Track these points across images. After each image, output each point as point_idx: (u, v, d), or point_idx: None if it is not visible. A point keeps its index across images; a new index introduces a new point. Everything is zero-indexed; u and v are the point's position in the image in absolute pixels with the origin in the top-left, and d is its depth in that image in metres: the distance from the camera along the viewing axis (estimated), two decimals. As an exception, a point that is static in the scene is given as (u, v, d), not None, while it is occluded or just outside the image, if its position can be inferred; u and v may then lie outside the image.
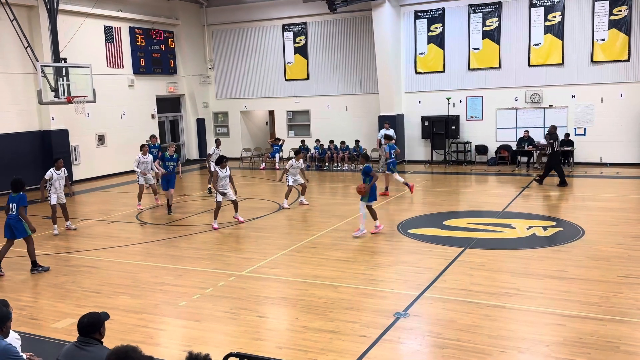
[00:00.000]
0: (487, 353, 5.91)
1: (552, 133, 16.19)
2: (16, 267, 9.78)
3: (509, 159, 20.27)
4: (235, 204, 12.52)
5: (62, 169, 12.21)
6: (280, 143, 22.67)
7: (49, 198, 12.08)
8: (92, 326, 4.36)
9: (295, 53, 23.59)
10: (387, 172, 15.64)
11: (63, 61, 17.44)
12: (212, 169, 16.75)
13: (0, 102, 17.30)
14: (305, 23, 23.24)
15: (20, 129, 17.97)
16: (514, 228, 11.27)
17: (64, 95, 16.87)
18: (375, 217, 11.15)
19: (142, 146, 14.55)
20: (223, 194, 12.21)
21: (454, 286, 7.97)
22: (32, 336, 6.61)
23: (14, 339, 4.69)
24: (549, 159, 16.30)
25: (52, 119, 18.56)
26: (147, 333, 6.83)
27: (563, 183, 15.81)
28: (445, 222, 11.97)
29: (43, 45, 17.88)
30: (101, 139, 20.48)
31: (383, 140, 16.82)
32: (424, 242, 10.42)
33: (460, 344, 6.11)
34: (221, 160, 12.31)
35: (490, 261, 9.18)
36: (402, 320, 6.82)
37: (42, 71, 16.57)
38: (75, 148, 19.51)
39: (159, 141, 16.13)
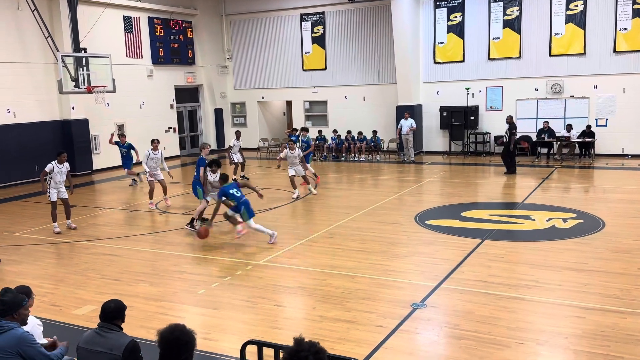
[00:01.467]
0: (505, 345, 5.88)
1: (510, 123, 16.75)
2: (38, 256, 9.95)
3: (529, 150, 20.04)
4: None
5: (65, 163, 11.46)
6: (297, 134, 22.63)
7: (48, 192, 11.33)
8: (117, 312, 4.41)
9: (313, 43, 23.51)
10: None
11: (83, 51, 17.60)
12: (235, 161, 16.83)
13: (22, 91, 17.53)
14: (323, 13, 23.13)
15: (41, 119, 18.21)
16: (533, 220, 11.17)
17: (84, 85, 17.05)
18: (235, 223, 10.41)
19: (153, 141, 13.98)
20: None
21: (472, 278, 7.93)
22: (54, 322, 6.72)
23: (35, 325, 4.76)
24: (504, 148, 16.88)
25: (73, 108, 18.76)
26: (166, 320, 6.89)
27: (512, 172, 16.55)
28: (463, 214, 11.89)
29: (63, 35, 18.06)
30: (120, 128, 20.65)
31: (302, 133, 17.28)
32: (441, 234, 10.37)
33: (478, 336, 6.09)
34: (211, 165, 11.18)
35: (508, 253, 9.12)
36: (419, 311, 6.81)
37: (63, 61, 16.73)
38: (95, 137, 19.73)
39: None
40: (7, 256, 9.90)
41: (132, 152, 16.39)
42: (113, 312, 4.43)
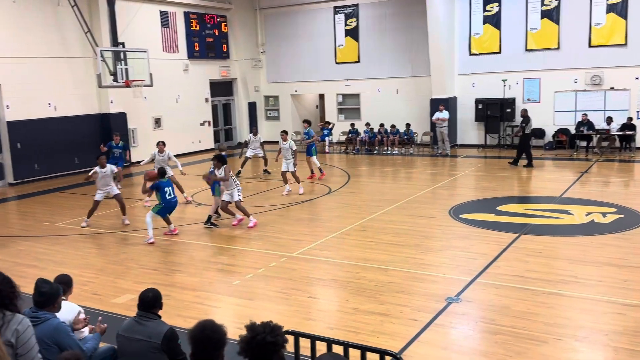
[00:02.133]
0: (542, 340, 5.79)
1: (524, 116, 16.71)
2: (79, 246, 10.23)
3: (567, 143, 19.60)
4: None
5: (108, 166, 11.66)
6: (330, 127, 22.66)
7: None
8: (155, 301, 4.52)
9: (346, 36, 23.42)
10: (307, 156, 15.90)
11: (121, 46, 17.94)
12: (247, 155, 16.73)
13: (62, 86, 17.98)
14: (356, 5, 23.00)
15: (81, 112, 18.65)
16: (572, 214, 10.93)
17: (123, 79, 17.37)
18: (169, 222, 10.49)
19: (158, 143, 13.71)
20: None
21: (508, 272, 7.82)
22: (94, 310, 6.90)
23: (67, 311, 4.82)
24: (520, 141, 16.93)
25: (111, 102, 19.17)
26: (202, 310, 7.03)
27: (530, 164, 16.55)
28: (499, 208, 11.71)
29: (102, 31, 18.43)
30: (157, 122, 21.02)
31: (303, 125, 17.03)
32: (476, 227, 10.24)
33: (515, 331, 6.01)
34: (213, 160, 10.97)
35: (546, 248, 8.95)
36: (454, 306, 6.75)
37: (102, 56, 17.10)
38: (133, 131, 20.11)
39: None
40: (49, 245, 10.22)
41: (125, 152, 15.71)
42: (151, 301, 4.54)
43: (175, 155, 14.32)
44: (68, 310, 4.76)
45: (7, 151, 16.72)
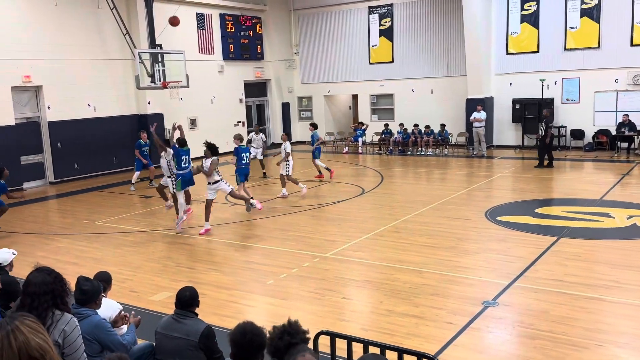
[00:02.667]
0: (583, 346, 5.64)
1: (547, 116, 16.61)
2: (117, 243, 10.44)
3: (608, 144, 19.08)
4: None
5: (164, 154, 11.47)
6: (363, 127, 22.60)
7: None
8: (192, 299, 4.58)
9: (380, 36, 23.32)
10: (312, 158, 15.98)
11: (159, 48, 18.26)
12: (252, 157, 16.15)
13: (102, 87, 18.41)
14: (391, 5, 22.89)
15: (119, 113, 19.06)
16: (613, 217, 10.63)
17: (160, 80, 17.68)
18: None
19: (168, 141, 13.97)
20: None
21: (547, 276, 7.65)
22: (132, 307, 7.03)
23: (106, 308, 4.92)
24: (540, 141, 16.85)
25: (149, 103, 19.52)
26: (237, 309, 7.10)
27: (549, 165, 16.49)
28: (537, 210, 11.48)
29: (140, 33, 18.80)
30: (193, 122, 21.31)
31: (309, 128, 16.67)
32: (514, 230, 10.05)
33: (554, 336, 5.87)
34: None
35: (586, 251, 8.73)
36: (490, 309, 6.64)
37: (140, 57, 17.43)
38: (169, 131, 20.41)
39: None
40: (88, 243, 10.47)
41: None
42: (189, 300, 4.61)
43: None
44: (107, 307, 4.85)
45: (48, 151, 17.20)
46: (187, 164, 11.15)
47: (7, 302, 5.27)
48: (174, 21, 15.13)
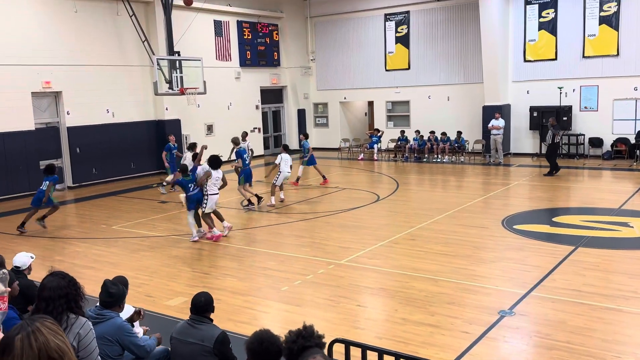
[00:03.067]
0: (600, 357, 5.56)
1: (553, 125, 16.58)
2: (134, 248, 10.53)
3: (627, 153, 18.83)
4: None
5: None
6: (378, 134, 22.57)
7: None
8: (207, 305, 4.60)
9: (396, 43, 23.32)
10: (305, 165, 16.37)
11: (177, 54, 18.44)
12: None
13: (120, 93, 18.62)
14: (407, 12, 22.89)
15: (138, 118, 19.25)
16: (632, 227, 10.48)
17: (178, 87, 17.84)
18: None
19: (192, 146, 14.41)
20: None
21: (564, 286, 7.56)
22: (148, 312, 7.07)
23: (132, 312, 5.00)
24: (548, 149, 16.77)
25: (166, 109, 19.71)
26: (252, 315, 7.11)
27: (551, 174, 16.41)
28: (554, 219, 11.36)
29: (159, 39, 19.00)
30: (210, 128, 21.46)
31: (301, 137, 16.98)
32: (531, 239, 9.96)
33: (571, 347, 5.80)
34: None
35: (604, 261, 8.61)
36: (507, 319, 6.58)
37: (158, 64, 17.62)
38: (186, 137, 20.59)
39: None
40: (105, 247, 10.57)
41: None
42: (204, 306, 4.63)
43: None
44: (124, 311, 4.91)
45: (67, 156, 17.43)
46: (195, 189, 10.75)
47: (26, 305, 5.35)
48: (187, 1, 16.40)
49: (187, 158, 11.30)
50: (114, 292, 4.47)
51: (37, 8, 16.39)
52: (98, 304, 4.53)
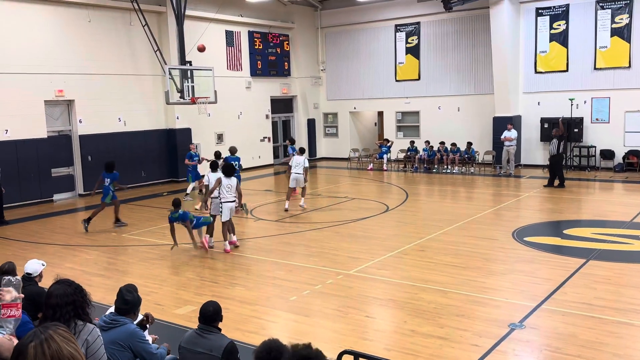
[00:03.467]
0: (612, 373, 5.49)
1: (559, 135, 16.38)
2: (143, 256, 10.57)
3: (638, 165, 18.68)
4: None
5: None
6: (388, 144, 22.57)
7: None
8: (216, 314, 4.61)
9: (406, 53, 23.36)
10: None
11: (188, 64, 18.57)
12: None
13: (132, 101, 18.77)
14: (418, 23, 22.94)
15: (149, 127, 19.37)
16: (644, 240, 10.37)
17: (189, 96, 17.96)
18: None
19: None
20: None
21: (575, 299, 7.49)
22: (157, 320, 7.08)
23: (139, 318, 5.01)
24: (554, 161, 16.48)
25: (177, 118, 19.83)
26: (259, 324, 7.10)
27: (560, 185, 16.18)
28: (565, 231, 11.28)
29: (171, 49, 19.16)
30: (220, 137, 21.55)
31: (287, 142, 17.01)
32: (541, 251, 9.88)
33: (582, 361, 5.73)
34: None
35: (616, 275, 8.53)
36: (517, 332, 6.52)
37: (170, 73, 17.74)
38: (197, 146, 20.67)
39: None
40: (115, 255, 10.62)
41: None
42: (212, 315, 4.64)
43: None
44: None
45: (79, 163, 17.56)
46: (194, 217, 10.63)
47: (36, 313, 5.37)
48: (201, 47, 17.21)
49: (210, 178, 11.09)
50: (130, 299, 4.53)
51: (51, 17, 16.60)
52: (113, 310, 4.58)
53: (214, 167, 11.55)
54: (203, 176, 15.05)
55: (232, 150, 15.24)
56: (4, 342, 2.58)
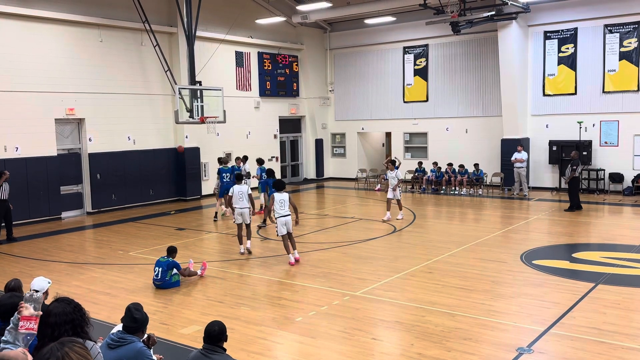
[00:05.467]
0: (622, 401, 5.39)
1: (574, 159, 16.43)
2: (150, 275, 10.55)
3: (648, 189, 18.55)
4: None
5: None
6: (396, 165, 22.52)
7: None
8: (221, 334, 4.59)
9: (415, 75, 23.50)
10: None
11: (198, 84, 18.75)
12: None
13: (142, 120, 18.93)
14: (426, 45, 23.10)
15: (158, 146, 19.50)
16: (655, 265, 10.25)
17: (198, 115, 18.10)
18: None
19: (237, 159, 16.39)
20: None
21: (584, 324, 7.39)
22: (162, 340, 7.06)
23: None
24: (569, 185, 16.48)
25: (186, 137, 19.96)
26: (265, 345, 7.05)
27: (577, 208, 16.18)
28: (574, 255, 11.17)
29: (181, 69, 19.38)
30: (228, 157, 21.59)
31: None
32: (550, 275, 9.79)
33: (592, 388, 5.63)
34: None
35: (626, 299, 8.42)
36: (525, 356, 6.43)
37: (180, 93, 17.90)
38: (205, 165, 20.81)
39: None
40: (121, 274, 10.61)
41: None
42: (217, 335, 4.61)
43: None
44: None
45: (87, 181, 17.66)
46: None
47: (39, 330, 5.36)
48: (180, 150, 18.98)
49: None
50: (138, 317, 4.55)
51: (63, 37, 16.86)
52: (120, 328, 4.58)
53: (239, 178, 12.30)
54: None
55: (260, 161, 16.45)
56: (19, 356, 2.58)
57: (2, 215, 13.68)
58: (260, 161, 16.85)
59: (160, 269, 9.52)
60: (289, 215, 10.90)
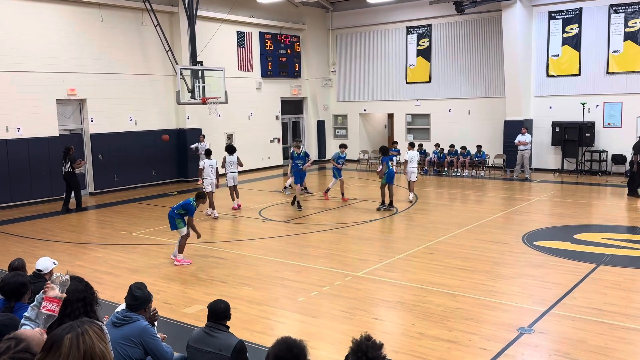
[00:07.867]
0: (622, 380, 5.44)
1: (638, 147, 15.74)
2: (153, 255, 10.61)
3: (651, 170, 18.48)
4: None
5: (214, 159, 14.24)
6: (397, 147, 22.46)
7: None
8: (226, 312, 4.63)
9: (417, 56, 23.32)
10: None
11: (200, 64, 18.65)
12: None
13: (143, 101, 18.87)
14: (429, 25, 22.90)
15: (160, 127, 19.43)
16: (656, 246, 10.27)
17: (199, 96, 18.03)
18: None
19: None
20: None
21: (585, 304, 7.43)
22: (165, 319, 7.12)
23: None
24: (632, 171, 15.81)
25: (188, 118, 19.91)
26: (267, 325, 7.11)
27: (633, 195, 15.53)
28: (576, 236, 11.19)
29: (182, 49, 19.25)
30: (230, 138, 21.61)
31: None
32: (551, 256, 9.82)
33: (591, 367, 5.69)
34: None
35: (627, 280, 8.46)
36: (526, 336, 6.48)
37: (181, 74, 17.83)
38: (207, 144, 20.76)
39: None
40: (124, 254, 10.67)
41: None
42: (222, 313, 4.66)
43: (248, 171, 14.79)
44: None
45: (90, 162, 17.66)
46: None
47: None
48: (165, 139, 18.15)
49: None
50: (139, 295, 4.59)
51: (64, 16, 16.73)
52: (124, 307, 4.63)
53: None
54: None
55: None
56: (36, 336, 2.60)
57: (74, 187, 15.18)
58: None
59: (181, 203, 10.05)
60: (236, 172, 14.55)
